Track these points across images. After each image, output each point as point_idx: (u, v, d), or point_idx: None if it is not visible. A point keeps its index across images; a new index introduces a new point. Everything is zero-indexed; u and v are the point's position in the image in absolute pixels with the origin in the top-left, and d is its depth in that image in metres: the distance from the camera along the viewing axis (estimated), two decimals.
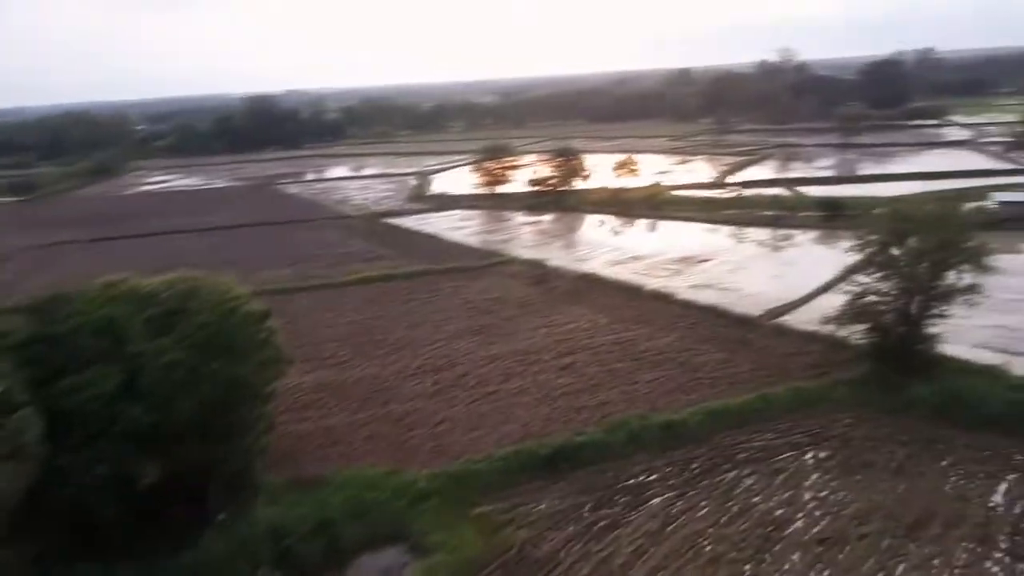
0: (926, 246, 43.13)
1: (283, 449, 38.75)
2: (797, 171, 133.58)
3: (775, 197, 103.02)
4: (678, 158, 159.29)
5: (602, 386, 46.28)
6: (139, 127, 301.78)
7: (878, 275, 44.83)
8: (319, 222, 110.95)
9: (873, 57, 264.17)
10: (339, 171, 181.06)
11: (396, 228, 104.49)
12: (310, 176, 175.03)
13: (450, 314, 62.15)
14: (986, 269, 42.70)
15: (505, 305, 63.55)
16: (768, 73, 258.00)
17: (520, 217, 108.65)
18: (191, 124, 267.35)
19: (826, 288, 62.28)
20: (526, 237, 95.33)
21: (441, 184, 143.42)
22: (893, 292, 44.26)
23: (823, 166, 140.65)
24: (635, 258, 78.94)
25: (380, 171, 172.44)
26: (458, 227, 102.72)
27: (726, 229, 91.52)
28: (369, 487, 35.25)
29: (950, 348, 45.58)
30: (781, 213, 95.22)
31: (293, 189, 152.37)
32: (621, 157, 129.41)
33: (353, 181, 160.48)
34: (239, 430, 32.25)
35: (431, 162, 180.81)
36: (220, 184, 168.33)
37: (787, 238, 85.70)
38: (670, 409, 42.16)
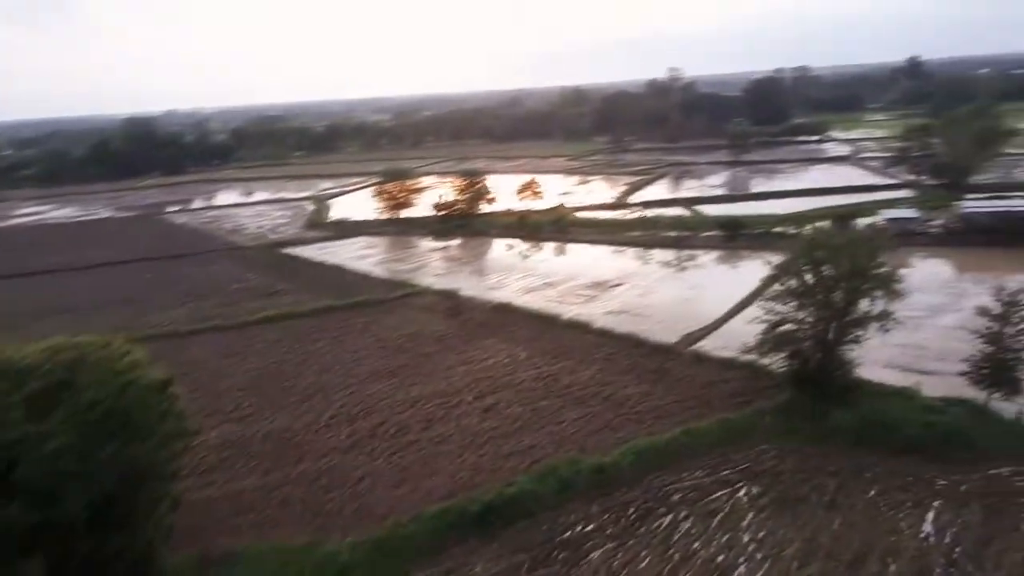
0: (840, 272, 43.86)
1: (188, 521, 35.27)
2: (692, 189, 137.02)
3: (676, 217, 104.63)
4: (578, 178, 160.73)
5: (528, 427, 44.77)
6: (3, 152, 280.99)
7: (794, 303, 45.25)
8: (211, 254, 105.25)
9: (753, 73, 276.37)
10: (229, 197, 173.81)
11: (296, 259, 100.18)
12: (198, 204, 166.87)
13: (362, 354, 59.23)
14: (897, 294, 43.77)
15: (420, 342, 61.13)
16: (658, 91, 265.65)
17: (427, 243, 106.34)
18: (63, 149, 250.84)
19: (737, 311, 63.05)
20: (435, 264, 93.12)
21: (340, 209, 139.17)
22: (810, 319, 44.83)
23: (716, 184, 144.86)
24: (548, 284, 78.13)
25: (273, 196, 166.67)
26: (362, 256, 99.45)
27: (631, 251, 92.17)
28: (286, 563, 32.56)
29: (861, 370, 46.52)
30: (683, 234, 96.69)
31: (181, 218, 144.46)
32: (523, 178, 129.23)
33: (245, 208, 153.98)
34: (140, 515, 28.86)
35: (327, 185, 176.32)
36: (100, 215, 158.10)
37: (691, 258, 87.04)
38: (599, 450, 41.10)
